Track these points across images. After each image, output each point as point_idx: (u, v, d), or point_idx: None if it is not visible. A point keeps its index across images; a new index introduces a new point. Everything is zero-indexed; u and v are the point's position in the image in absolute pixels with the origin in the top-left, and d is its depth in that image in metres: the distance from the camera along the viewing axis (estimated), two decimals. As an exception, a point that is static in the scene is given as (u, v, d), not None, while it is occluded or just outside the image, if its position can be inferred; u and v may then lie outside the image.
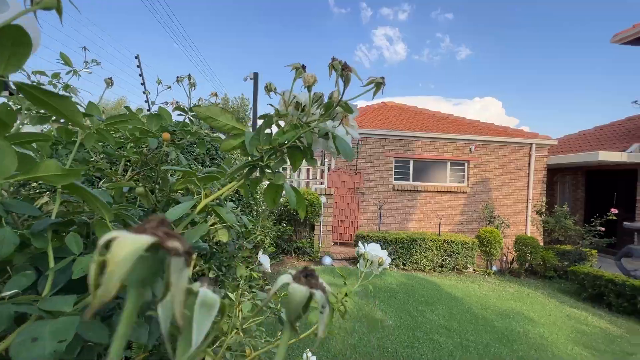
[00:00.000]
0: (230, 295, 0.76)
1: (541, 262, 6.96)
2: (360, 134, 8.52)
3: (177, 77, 0.94)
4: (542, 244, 7.67)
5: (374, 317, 3.65)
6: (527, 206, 8.79)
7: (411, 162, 8.67)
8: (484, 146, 8.71)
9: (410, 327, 3.48)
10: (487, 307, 4.54)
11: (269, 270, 0.91)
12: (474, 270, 7.07)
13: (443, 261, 6.74)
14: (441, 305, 4.29)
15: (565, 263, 6.84)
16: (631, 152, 7.98)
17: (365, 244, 0.85)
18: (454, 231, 8.54)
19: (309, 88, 0.50)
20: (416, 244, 6.61)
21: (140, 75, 4.61)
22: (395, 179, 8.64)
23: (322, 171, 7.82)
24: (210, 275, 0.97)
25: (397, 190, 8.54)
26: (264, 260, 0.89)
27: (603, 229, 6.49)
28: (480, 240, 6.89)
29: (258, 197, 2.93)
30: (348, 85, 0.48)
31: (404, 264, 6.63)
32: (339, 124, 0.52)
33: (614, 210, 6.34)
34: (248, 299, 0.83)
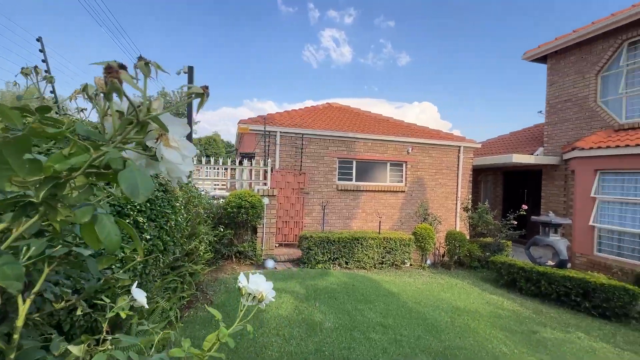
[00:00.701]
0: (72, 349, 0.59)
1: (467, 254, 7.67)
2: (305, 134, 8.53)
3: (22, 68, 0.74)
4: (468, 237, 8.46)
5: (314, 320, 3.61)
6: (456, 203, 9.64)
7: (354, 162, 8.91)
8: (419, 148, 9.33)
9: (348, 327, 3.51)
10: (420, 301, 4.82)
11: (146, 306, 0.76)
12: (410, 265, 7.51)
13: (383, 258, 7.04)
14: (379, 302, 4.44)
15: (487, 254, 7.64)
16: (537, 154, 9.23)
17: (251, 274, 0.74)
18: (394, 229, 9.00)
19: (106, 96, 0.37)
20: (358, 243, 6.79)
21: (44, 61, 3.99)
22: (339, 179, 8.79)
23: (265, 172, 7.61)
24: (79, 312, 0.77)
25: (341, 190, 8.70)
26: (138, 294, 0.74)
27: (516, 222, 7.39)
28: (416, 236, 7.34)
29: (179, 203, 2.67)
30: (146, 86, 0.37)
31: (346, 263, 6.77)
32: (157, 143, 0.41)
33: (524, 207, 7.25)
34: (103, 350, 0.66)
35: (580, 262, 7.42)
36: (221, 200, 6.55)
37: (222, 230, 5.59)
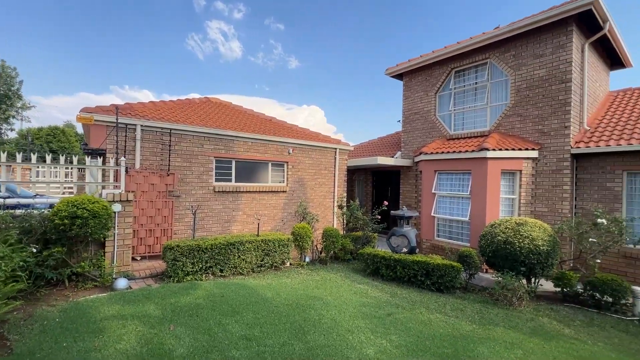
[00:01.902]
0: None
1: (342, 249, 8.26)
2: (174, 129, 7.50)
3: None
4: (344, 233, 9.14)
5: (163, 349, 3.04)
6: (333, 202, 10.32)
7: (233, 162, 8.39)
8: (300, 149, 9.55)
9: (205, 349, 3.10)
10: (292, 302, 4.80)
11: None
12: (290, 264, 7.55)
13: (262, 261, 6.82)
14: (248, 311, 4.17)
15: (358, 247, 8.40)
16: (396, 157, 10.79)
17: None
18: (276, 229, 8.93)
19: None
20: (234, 248, 6.36)
21: None
22: (217, 180, 8.12)
23: (117, 172, 6.29)
24: None
25: (219, 192, 8.06)
26: None
27: (380, 217, 8.38)
28: (295, 236, 7.43)
29: None
30: None
31: (221, 271, 6.24)
32: None
33: (386, 203, 8.29)
34: None
35: (426, 246, 9.00)
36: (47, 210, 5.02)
37: (32, 251, 4.23)
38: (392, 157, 10.86)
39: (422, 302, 5.54)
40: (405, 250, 7.43)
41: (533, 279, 6.09)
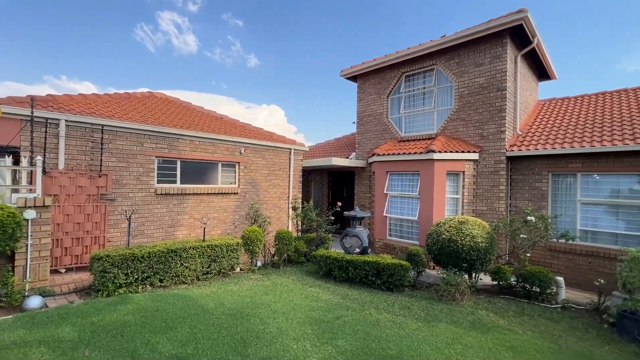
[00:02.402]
0: None
1: (295, 251, 8.09)
2: (107, 125, 6.74)
3: None
4: (297, 235, 8.97)
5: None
6: (288, 203, 10.12)
7: (179, 162, 7.81)
8: (253, 149, 9.21)
9: (125, 374, 2.73)
10: (236, 312, 4.52)
11: None
12: (240, 270, 7.20)
13: (208, 267, 6.40)
14: (184, 325, 3.82)
15: (312, 248, 8.30)
16: (351, 158, 10.91)
17: None
18: (226, 233, 8.50)
19: None
20: (176, 255, 5.87)
21: None
22: (160, 181, 7.49)
23: (33, 173, 5.47)
24: None
25: (162, 194, 7.43)
26: None
27: (333, 218, 8.36)
28: (245, 240, 7.10)
29: None
30: None
31: (161, 281, 5.72)
32: None
33: (339, 204, 8.30)
34: None
35: (379, 245, 9.18)
36: None
37: None
38: (347, 157, 10.95)
39: (372, 303, 5.57)
40: (357, 250, 7.47)
41: (474, 274, 6.45)
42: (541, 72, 10.48)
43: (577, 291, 6.55)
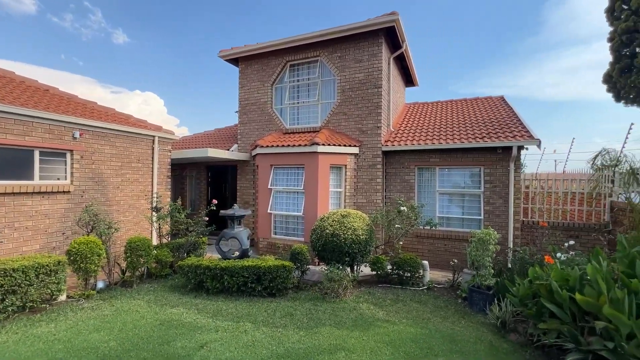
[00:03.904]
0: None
1: (157, 262, 6.49)
2: None
3: None
4: (160, 242, 7.26)
5: None
6: (152, 203, 8.21)
7: (-48, 146, 5.08)
8: (96, 134, 6.97)
9: None
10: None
11: None
12: (69, 297, 5.21)
13: (2, 302, 4.26)
14: None
15: (183, 256, 6.84)
16: (232, 150, 9.76)
17: None
18: (51, 247, 6.11)
19: None
20: None
21: None
22: None
23: None
24: None
25: None
26: None
27: (207, 218, 7.12)
28: (73, 256, 5.14)
29: None
30: None
31: None
32: None
33: (215, 201, 7.11)
34: None
35: (263, 245, 8.42)
36: None
37: None
38: (228, 150, 9.74)
39: (249, 316, 4.75)
40: (237, 254, 6.52)
41: (355, 267, 6.44)
42: (407, 78, 11.79)
43: (436, 271, 7.39)
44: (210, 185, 11.12)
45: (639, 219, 5.51)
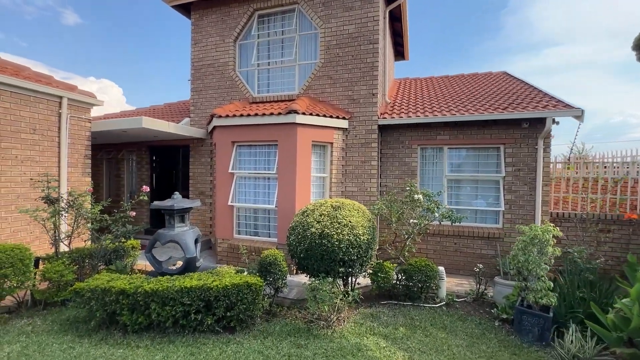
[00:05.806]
0: None
1: (49, 283, 4.21)
2: None
3: None
4: (56, 250, 4.81)
5: None
6: (59, 193, 5.78)
7: None
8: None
9: None
10: None
11: None
12: None
13: None
14: None
15: (94, 272, 4.60)
16: (182, 124, 7.47)
17: None
18: None
19: None
20: None
21: None
22: None
23: None
24: None
25: None
26: None
27: (134, 213, 4.90)
28: None
29: None
30: None
31: None
32: None
33: (146, 189, 4.92)
34: None
35: (222, 249, 6.34)
36: None
37: None
38: (178, 123, 7.42)
39: (186, 378, 2.76)
40: (178, 266, 4.46)
41: (351, 279, 4.63)
42: (397, 52, 10.13)
43: (447, 277, 5.79)
44: (154, 172, 8.70)
45: None
